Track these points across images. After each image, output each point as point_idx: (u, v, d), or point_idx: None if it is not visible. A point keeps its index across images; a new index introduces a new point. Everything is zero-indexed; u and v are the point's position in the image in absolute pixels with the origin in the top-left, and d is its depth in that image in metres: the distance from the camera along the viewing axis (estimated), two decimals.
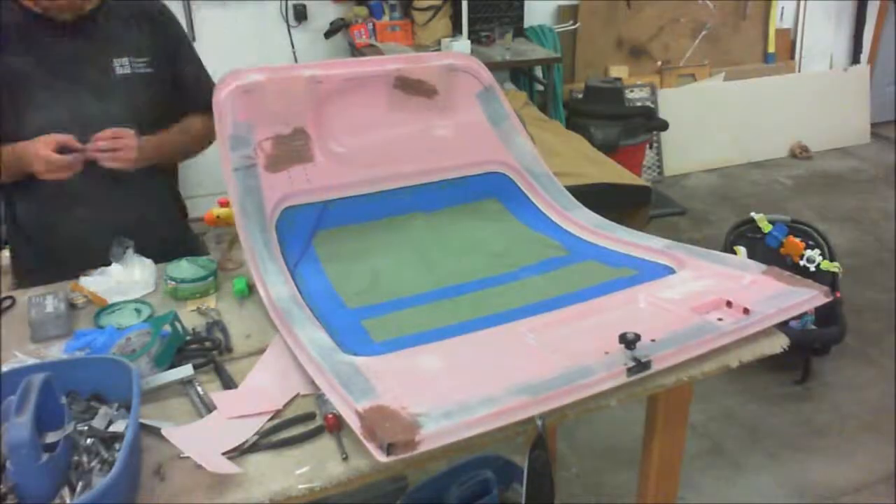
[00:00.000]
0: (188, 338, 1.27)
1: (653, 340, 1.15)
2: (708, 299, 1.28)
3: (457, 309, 1.32)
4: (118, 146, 1.48)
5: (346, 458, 1.01)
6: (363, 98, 1.60)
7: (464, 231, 1.58)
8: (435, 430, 0.94)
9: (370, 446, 0.94)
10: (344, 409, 1.02)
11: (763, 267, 1.38)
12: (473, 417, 0.98)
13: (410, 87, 1.64)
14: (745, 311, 1.24)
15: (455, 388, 1.03)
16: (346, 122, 1.58)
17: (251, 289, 1.43)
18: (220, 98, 1.46)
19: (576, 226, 1.59)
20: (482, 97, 1.72)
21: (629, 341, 1.11)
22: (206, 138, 1.73)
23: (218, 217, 1.57)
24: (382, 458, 0.92)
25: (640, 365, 1.11)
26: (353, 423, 0.98)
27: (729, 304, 1.27)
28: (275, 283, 1.31)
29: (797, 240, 2.82)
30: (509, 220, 1.63)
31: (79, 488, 0.91)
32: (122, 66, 1.58)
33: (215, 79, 1.51)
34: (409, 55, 1.68)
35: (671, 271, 1.41)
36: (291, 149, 1.50)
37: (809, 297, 1.29)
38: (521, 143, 1.71)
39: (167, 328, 1.22)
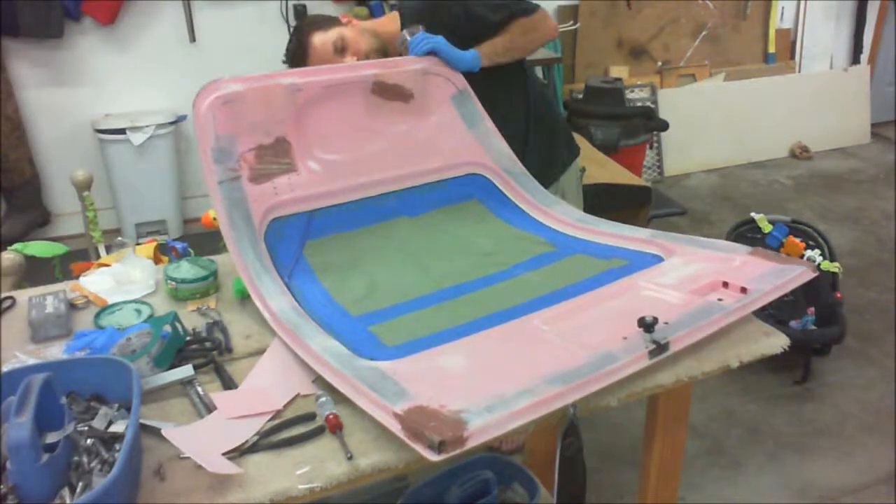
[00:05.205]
0: (188, 338, 1.27)
1: (665, 323, 1.17)
2: (704, 282, 1.30)
3: (461, 309, 1.32)
4: None
5: (350, 458, 1.01)
6: (342, 104, 1.62)
7: (450, 233, 1.59)
8: (481, 425, 0.95)
9: (417, 447, 0.94)
10: (378, 413, 1.01)
11: (748, 248, 1.41)
12: (515, 409, 0.99)
13: (387, 91, 1.66)
14: (743, 290, 1.27)
15: (488, 384, 1.04)
16: (327, 129, 1.59)
17: None
18: (201, 110, 1.46)
19: (558, 221, 1.61)
20: (456, 100, 1.75)
21: (648, 325, 1.13)
22: (534, 29, 1.88)
23: (214, 219, 1.57)
24: (433, 457, 0.92)
25: (660, 347, 1.13)
26: (393, 425, 0.98)
27: (725, 284, 1.30)
28: (273, 296, 1.30)
29: (797, 240, 2.82)
30: (492, 220, 1.64)
31: (79, 489, 0.91)
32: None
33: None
34: (384, 60, 1.72)
35: (660, 259, 1.43)
36: (274, 159, 1.51)
37: (800, 273, 1.32)
38: (497, 144, 1.74)
39: (167, 328, 1.22)
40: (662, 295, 1.27)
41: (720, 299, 1.26)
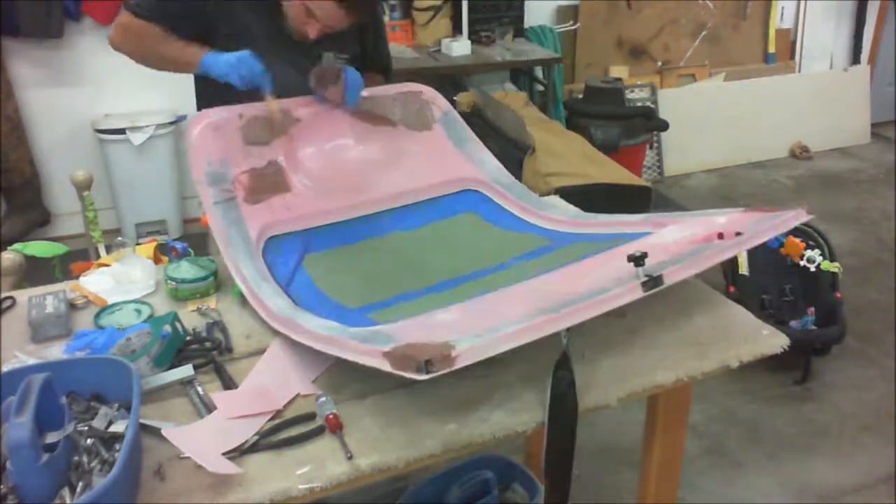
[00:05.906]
0: (188, 338, 1.27)
1: (661, 262, 1.19)
2: (700, 236, 1.33)
3: (460, 296, 1.32)
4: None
5: (350, 458, 1.01)
6: (332, 129, 1.67)
7: (447, 239, 1.61)
8: (468, 346, 0.96)
9: (405, 373, 0.94)
10: (366, 358, 1.01)
11: (741, 209, 1.44)
12: (503, 333, 1.00)
13: (374, 118, 1.72)
14: (738, 234, 1.30)
15: (480, 321, 1.05)
16: (318, 153, 1.64)
17: None
18: (193, 138, 1.52)
19: (555, 222, 1.62)
20: (443, 122, 1.79)
21: (637, 258, 1.14)
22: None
23: None
24: (421, 376, 0.92)
25: (654, 280, 1.14)
26: (381, 364, 0.97)
27: (721, 236, 1.32)
28: (271, 297, 1.30)
29: (797, 240, 2.80)
30: (489, 227, 1.66)
31: (79, 488, 0.91)
32: (326, 58, 1.77)
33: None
34: (368, 88, 1.78)
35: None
36: (268, 180, 1.54)
37: (794, 215, 1.37)
38: (487, 160, 1.77)
39: (167, 328, 1.22)
40: (662, 247, 1.29)
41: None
